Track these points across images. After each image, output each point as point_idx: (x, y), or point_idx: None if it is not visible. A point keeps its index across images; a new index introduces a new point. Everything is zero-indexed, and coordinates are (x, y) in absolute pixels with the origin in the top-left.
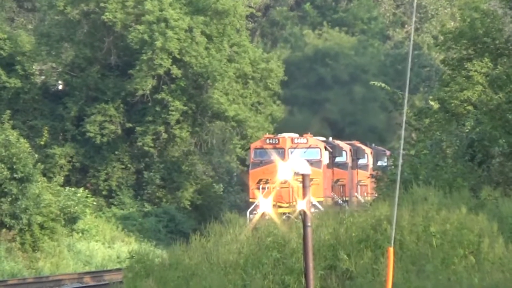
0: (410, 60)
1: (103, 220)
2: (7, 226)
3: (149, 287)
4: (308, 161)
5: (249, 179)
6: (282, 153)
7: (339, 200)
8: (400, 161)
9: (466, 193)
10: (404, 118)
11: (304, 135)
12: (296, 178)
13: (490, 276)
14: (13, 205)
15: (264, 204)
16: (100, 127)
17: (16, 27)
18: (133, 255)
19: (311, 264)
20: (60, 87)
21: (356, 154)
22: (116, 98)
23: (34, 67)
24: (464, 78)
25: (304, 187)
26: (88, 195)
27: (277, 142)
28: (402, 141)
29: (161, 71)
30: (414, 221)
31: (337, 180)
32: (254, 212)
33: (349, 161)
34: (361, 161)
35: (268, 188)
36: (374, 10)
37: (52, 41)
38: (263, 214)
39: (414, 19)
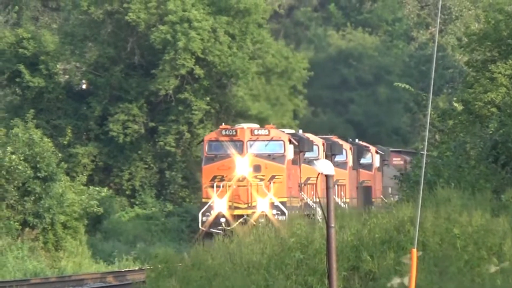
0: (434, 61)
1: (126, 220)
2: (30, 225)
3: (172, 287)
4: (269, 155)
5: (202, 176)
6: (240, 146)
7: (309, 200)
8: (424, 162)
9: (489, 195)
10: (428, 120)
11: (266, 126)
12: (255, 175)
13: None
14: (36, 204)
15: (218, 205)
16: (124, 126)
17: (40, 27)
18: (156, 255)
19: (334, 265)
20: (84, 86)
21: (331, 149)
22: (140, 97)
23: (58, 66)
24: (488, 80)
25: (327, 188)
26: (112, 195)
27: (234, 133)
28: (426, 143)
29: (184, 71)
30: (438, 222)
31: (307, 179)
32: (207, 214)
33: (322, 157)
34: (338, 158)
35: (223, 186)
36: (399, 11)
37: (76, 41)
38: (217, 216)
39: (438, 20)
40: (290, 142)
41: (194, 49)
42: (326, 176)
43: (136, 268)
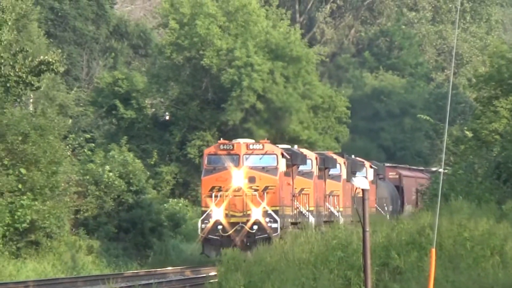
0: (449, 97)
1: None
2: (124, 229)
3: (238, 279)
4: (263, 168)
5: (202, 187)
6: (236, 159)
7: (302, 209)
8: (441, 179)
9: (493, 206)
10: (445, 145)
11: (261, 141)
12: (249, 185)
13: None
14: (129, 213)
15: (216, 213)
16: (199, 150)
17: (132, 69)
18: (225, 253)
19: (369, 262)
20: (167, 117)
21: (325, 163)
22: (212, 127)
23: (146, 101)
24: (492, 113)
25: (363, 200)
26: (188, 205)
27: (231, 148)
28: (442, 163)
29: (248, 106)
30: (451, 227)
31: (301, 190)
32: (206, 221)
33: (315, 170)
34: (332, 171)
35: (220, 196)
36: (420, 57)
37: (161, 81)
38: (215, 223)
39: (452, 65)
40: (283, 156)
41: (256, 88)
42: (363, 190)
43: (209, 264)
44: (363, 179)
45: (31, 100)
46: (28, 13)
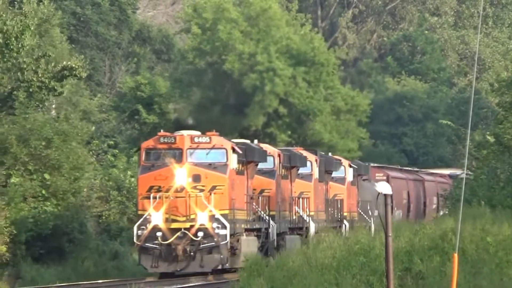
0: (471, 102)
1: None
2: None
3: (260, 285)
4: (210, 164)
5: (138, 186)
6: (179, 154)
7: (263, 213)
8: (464, 185)
9: None
10: (467, 150)
11: (208, 133)
12: (194, 185)
13: None
14: None
15: (155, 218)
16: None
17: (154, 74)
18: (248, 258)
19: (391, 267)
20: (190, 122)
21: (291, 161)
22: (234, 131)
23: (169, 106)
24: None
25: (386, 205)
26: None
27: (173, 141)
28: (465, 168)
29: (270, 110)
30: (474, 232)
31: (261, 191)
32: (143, 227)
33: (278, 168)
34: (302, 170)
35: (160, 197)
36: (443, 62)
37: (183, 86)
38: (153, 229)
39: (475, 70)
40: (234, 150)
41: (278, 92)
42: (385, 195)
43: (232, 269)
44: (386, 185)
45: (53, 106)
46: (50, 18)
